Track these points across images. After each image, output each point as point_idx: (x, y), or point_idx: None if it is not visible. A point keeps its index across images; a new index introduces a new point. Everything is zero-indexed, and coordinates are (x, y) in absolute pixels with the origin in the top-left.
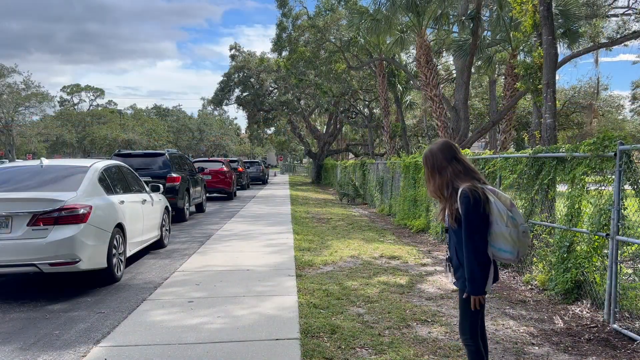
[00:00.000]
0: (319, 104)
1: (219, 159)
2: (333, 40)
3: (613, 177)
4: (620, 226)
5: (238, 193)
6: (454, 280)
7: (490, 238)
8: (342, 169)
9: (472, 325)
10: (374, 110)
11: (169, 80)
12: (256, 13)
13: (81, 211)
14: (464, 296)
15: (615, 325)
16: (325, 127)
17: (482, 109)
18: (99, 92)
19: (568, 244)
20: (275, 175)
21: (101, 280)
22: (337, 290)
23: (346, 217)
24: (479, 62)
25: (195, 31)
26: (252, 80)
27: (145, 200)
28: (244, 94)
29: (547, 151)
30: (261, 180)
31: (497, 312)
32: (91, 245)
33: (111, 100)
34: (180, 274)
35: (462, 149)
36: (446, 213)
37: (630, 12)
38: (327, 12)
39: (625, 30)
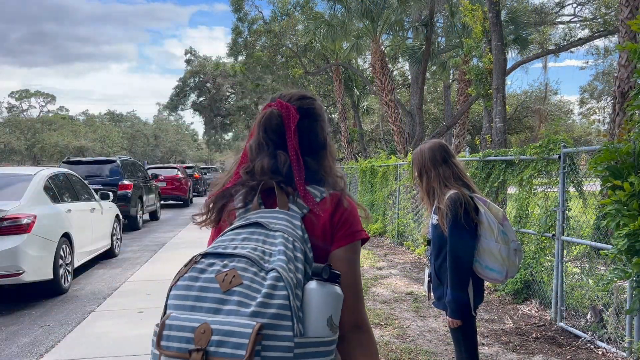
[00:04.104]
0: None
1: (175, 165)
2: (290, 46)
3: (558, 179)
4: (565, 227)
5: (195, 200)
6: (434, 300)
7: (477, 254)
8: None
9: (471, 355)
10: (332, 116)
11: (126, 84)
12: (224, 16)
13: (24, 221)
14: (451, 325)
15: (561, 324)
16: None
17: (437, 113)
18: (50, 98)
19: None
20: None
21: (47, 292)
22: None
23: None
24: (434, 68)
25: (158, 33)
26: (208, 85)
27: (94, 208)
28: (200, 99)
29: (497, 154)
30: None
31: None
32: (36, 256)
33: (62, 106)
34: (130, 284)
35: None
36: (429, 222)
37: (575, 19)
38: (283, 17)
39: (572, 37)
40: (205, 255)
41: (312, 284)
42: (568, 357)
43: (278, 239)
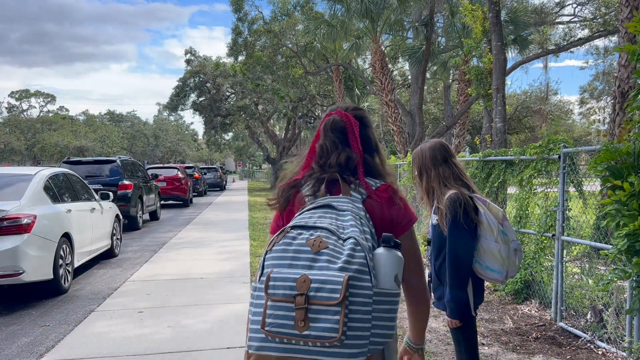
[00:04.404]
0: (277, 108)
1: (175, 165)
2: (290, 46)
3: (558, 179)
4: (565, 227)
5: (195, 200)
6: (434, 300)
7: (477, 254)
8: None
9: (471, 356)
10: None
11: (126, 84)
12: (224, 16)
13: (24, 221)
14: (450, 325)
15: (561, 324)
16: (283, 132)
17: (437, 113)
18: (50, 98)
19: None
20: (233, 181)
21: (47, 292)
22: None
23: None
24: (434, 67)
25: (158, 33)
26: (208, 85)
27: (94, 208)
28: (200, 99)
29: (497, 154)
30: (219, 186)
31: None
32: (36, 256)
33: (62, 106)
34: (130, 284)
35: None
36: (429, 222)
37: (575, 19)
38: (283, 17)
39: (572, 37)
40: (293, 227)
41: (381, 250)
42: (568, 357)
43: (347, 216)
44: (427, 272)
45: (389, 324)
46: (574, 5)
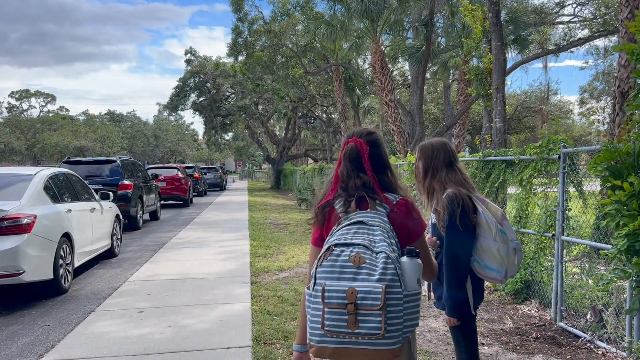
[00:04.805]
0: (277, 108)
1: (175, 165)
2: (290, 46)
3: (558, 179)
4: (565, 227)
5: (195, 200)
6: (434, 300)
7: (476, 253)
8: (301, 174)
9: (471, 355)
10: (332, 116)
11: (126, 84)
12: (224, 16)
13: (25, 221)
14: (449, 323)
15: (561, 323)
16: (283, 132)
17: (437, 113)
18: (50, 98)
19: None
20: (233, 181)
21: (47, 292)
22: (292, 296)
23: (304, 222)
24: (435, 67)
25: (158, 33)
26: (208, 85)
27: (94, 208)
28: (200, 99)
29: (497, 154)
30: (219, 186)
31: None
32: (36, 256)
33: (63, 106)
34: (130, 284)
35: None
36: (429, 222)
37: (575, 19)
38: (283, 17)
39: (571, 37)
40: (336, 245)
41: (405, 259)
42: (568, 357)
43: (377, 231)
44: None
45: (415, 316)
46: (574, 5)
